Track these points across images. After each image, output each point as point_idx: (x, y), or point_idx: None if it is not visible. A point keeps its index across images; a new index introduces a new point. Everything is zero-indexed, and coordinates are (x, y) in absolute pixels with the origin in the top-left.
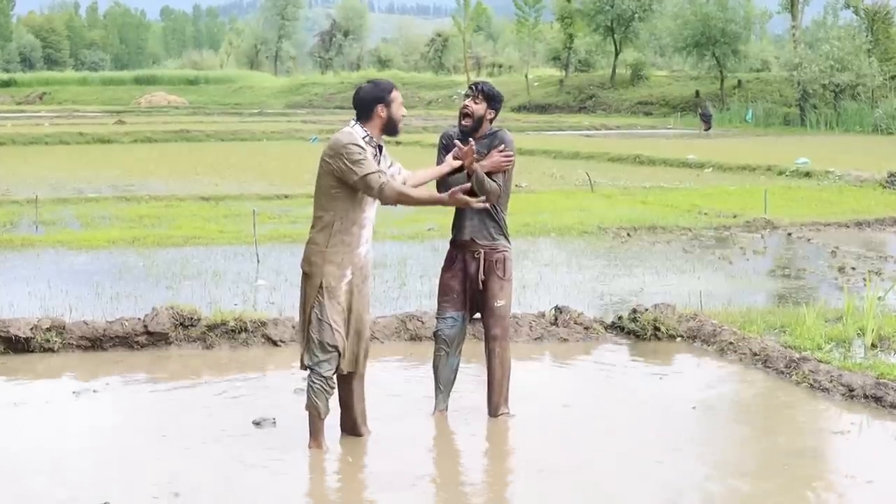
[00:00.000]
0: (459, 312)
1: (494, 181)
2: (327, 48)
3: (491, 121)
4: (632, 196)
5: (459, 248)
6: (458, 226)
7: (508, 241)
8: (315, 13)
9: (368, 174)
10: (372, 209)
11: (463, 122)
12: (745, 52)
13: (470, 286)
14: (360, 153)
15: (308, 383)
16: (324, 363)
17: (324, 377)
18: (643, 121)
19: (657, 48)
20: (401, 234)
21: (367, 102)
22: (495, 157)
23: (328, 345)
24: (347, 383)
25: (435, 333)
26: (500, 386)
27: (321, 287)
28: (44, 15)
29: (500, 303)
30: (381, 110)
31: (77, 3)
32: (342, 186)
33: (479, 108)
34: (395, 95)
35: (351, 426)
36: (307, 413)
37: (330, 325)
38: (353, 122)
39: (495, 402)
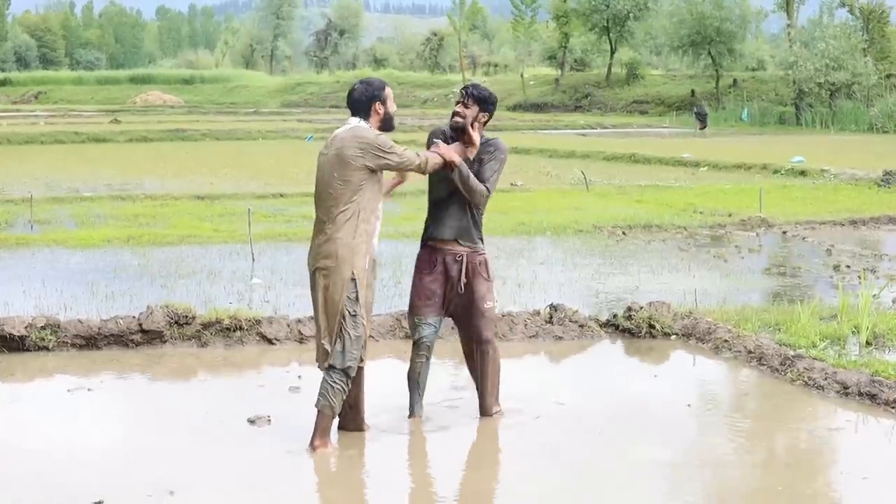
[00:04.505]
0: (438, 318)
1: (484, 184)
2: (323, 47)
3: (485, 123)
4: (627, 195)
5: (439, 251)
6: (439, 226)
7: (483, 243)
8: (310, 12)
9: (406, 152)
10: (382, 201)
11: (454, 119)
12: (741, 50)
13: (451, 289)
14: (389, 141)
15: (328, 383)
16: (354, 361)
17: (349, 376)
18: (638, 120)
19: (653, 47)
20: (396, 232)
21: (364, 101)
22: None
23: (363, 341)
24: (357, 380)
25: (417, 341)
26: (493, 386)
27: (353, 279)
28: (39, 14)
29: (489, 304)
30: (378, 107)
31: (73, 2)
32: (369, 178)
33: (471, 112)
34: (389, 92)
35: (357, 423)
36: (316, 412)
37: (363, 319)
38: (357, 120)
39: (489, 402)
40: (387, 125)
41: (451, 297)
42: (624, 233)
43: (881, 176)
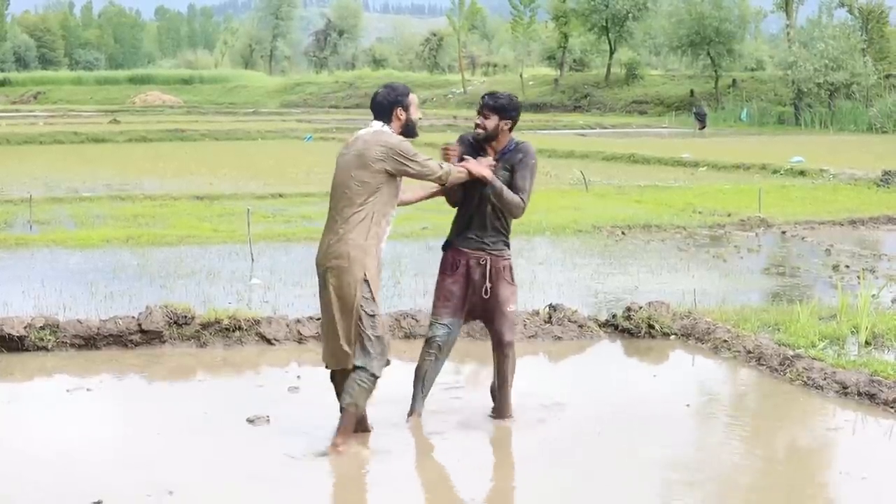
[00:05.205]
0: (455, 319)
1: (518, 195)
2: (322, 47)
3: (510, 130)
4: (626, 195)
5: (462, 254)
6: (464, 231)
7: (509, 249)
8: (310, 12)
9: (428, 162)
10: (395, 207)
11: (475, 131)
12: (740, 51)
13: (472, 293)
14: (412, 148)
15: (356, 382)
16: (379, 360)
17: (376, 376)
18: (638, 120)
19: (652, 47)
20: (395, 232)
21: (385, 106)
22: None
23: (385, 340)
24: None
25: (429, 339)
26: (510, 389)
27: (366, 280)
28: (38, 14)
29: (511, 308)
30: (399, 113)
31: (72, 2)
32: (387, 182)
33: (491, 122)
34: (412, 98)
35: (362, 424)
36: (340, 410)
37: (381, 320)
38: (380, 124)
39: (507, 405)
40: (408, 132)
41: (473, 301)
42: (623, 233)
43: (880, 176)
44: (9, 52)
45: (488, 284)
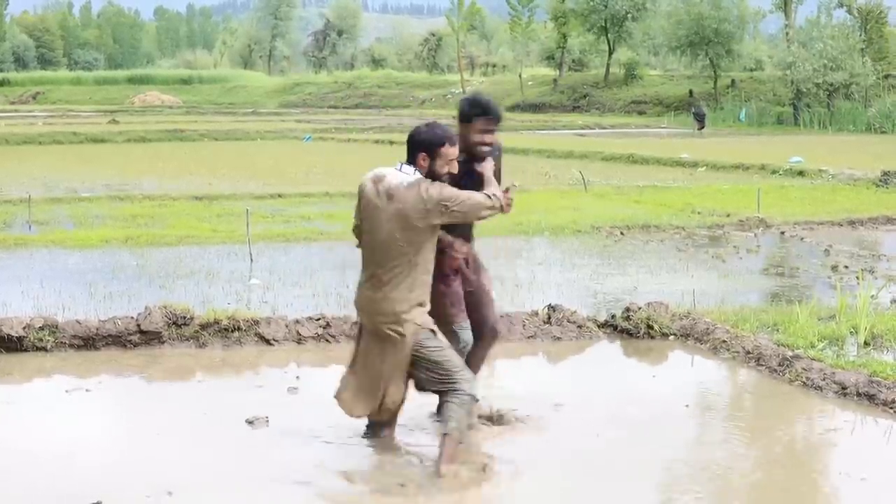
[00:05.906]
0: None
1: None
2: (321, 47)
3: None
4: (625, 195)
5: (451, 258)
6: (448, 231)
7: None
8: (309, 13)
9: (474, 197)
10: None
11: (484, 149)
12: (739, 51)
13: (466, 290)
14: (449, 190)
15: (454, 405)
16: (469, 381)
17: (471, 394)
18: (637, 120)
19: (651, 47)
20: None
21: (412, 146)
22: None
23: (455, 357)
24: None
25: (462, 348)
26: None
27: (422, 327)
28: (37, 14)
29: (493, 294)
30: (422, 159)
31: (71, 2)
32: (434, 232)
33: (495, 135)
34: (444, 151)
35: (390, 424)
36: (447, 437)
37: (449, 349)
38: (410, 169)
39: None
40: (431, 178)
41: (466, 299)
42: (622, 233)
43: (879, 176)
44: (8, 53)
45: (473, 277)
